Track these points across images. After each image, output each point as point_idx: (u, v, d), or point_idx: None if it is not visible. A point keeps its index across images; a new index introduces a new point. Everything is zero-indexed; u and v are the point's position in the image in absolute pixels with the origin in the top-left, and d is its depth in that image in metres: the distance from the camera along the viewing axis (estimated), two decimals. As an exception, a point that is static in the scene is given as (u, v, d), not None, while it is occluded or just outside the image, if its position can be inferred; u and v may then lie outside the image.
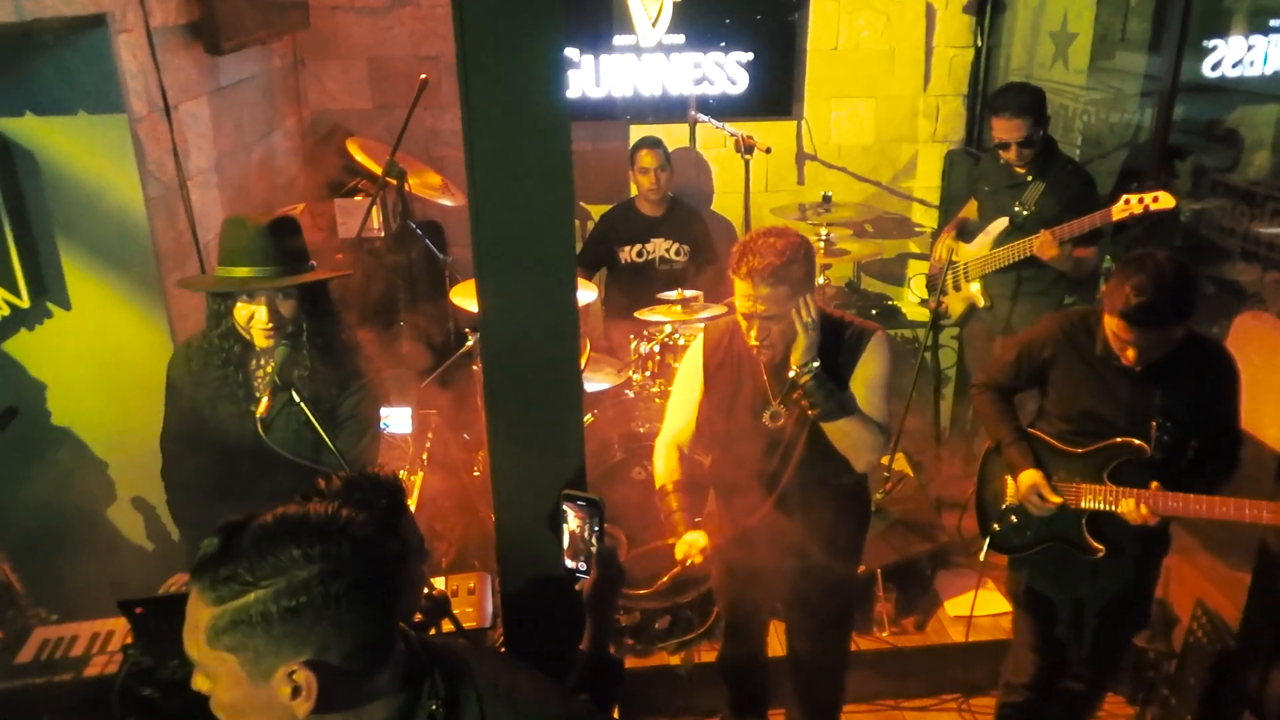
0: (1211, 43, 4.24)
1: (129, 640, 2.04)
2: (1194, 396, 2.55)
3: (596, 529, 1.76)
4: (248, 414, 2.36)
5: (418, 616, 2.08)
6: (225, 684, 1.17)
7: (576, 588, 1.78)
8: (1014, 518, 2.81)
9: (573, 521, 1.79)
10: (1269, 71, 4.29)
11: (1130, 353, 2.49)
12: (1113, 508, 2.58)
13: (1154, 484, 2.54)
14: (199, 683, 1.21)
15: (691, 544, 2.55)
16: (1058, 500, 2.66)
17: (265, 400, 2.27)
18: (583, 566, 1.78)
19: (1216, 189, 4.11)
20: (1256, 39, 4.31)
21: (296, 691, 1.16)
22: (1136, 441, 2.57)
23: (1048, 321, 2.78)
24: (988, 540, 2.90)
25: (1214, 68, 4.25)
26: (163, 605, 1.90)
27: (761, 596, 2.84)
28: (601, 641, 1.74)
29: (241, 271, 2.32)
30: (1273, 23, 4.35)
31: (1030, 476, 2.70)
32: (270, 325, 2.34)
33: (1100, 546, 2.65)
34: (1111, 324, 2.49)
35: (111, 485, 3.17)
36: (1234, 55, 4.30)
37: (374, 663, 1.23)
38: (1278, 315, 3.69)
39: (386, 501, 1.38)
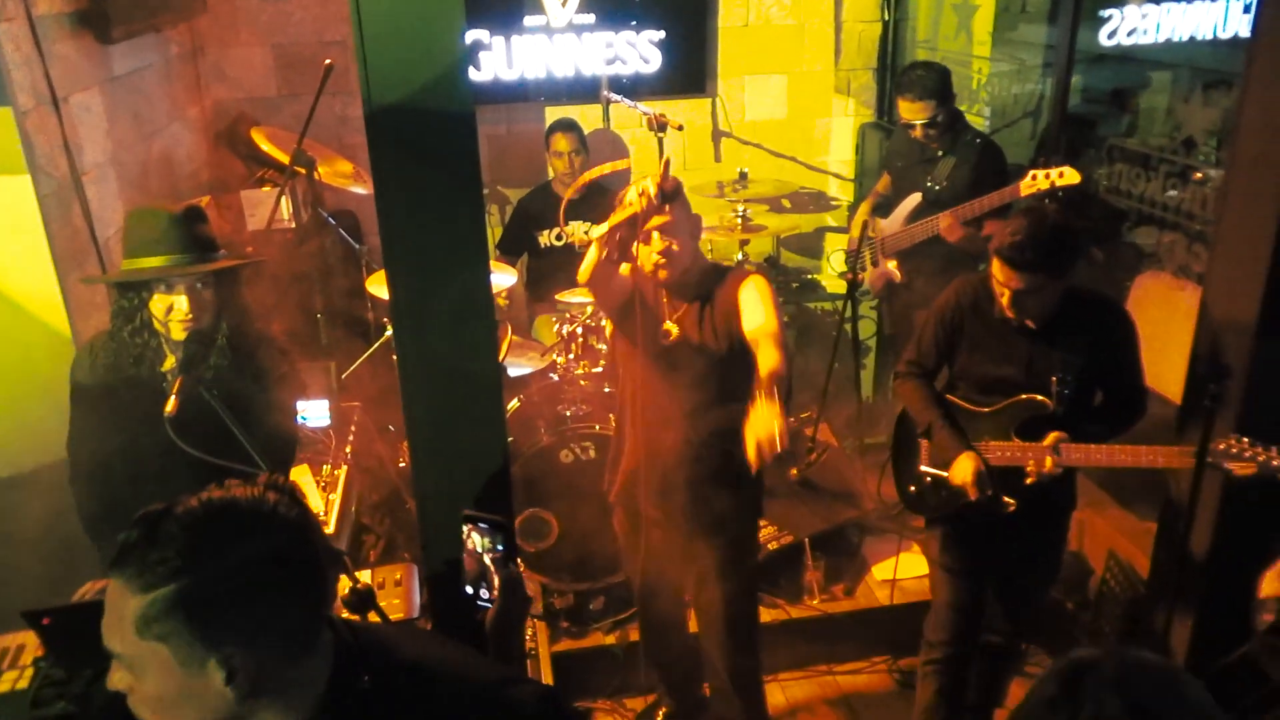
0: (1107, 12, 4.37)
1: (41, 653, 1.98)
2: (1091, 351, 2.65)
3: (501, 553, 1.66)
4: (158, 414, 2.28)
5: (343, 611, 2.05)
6: (154, 676, 1.14)
7: (478, 617, 1.69)
8: (928, 479, 2.89)
9: (475, 544, 1.68)
10: (1162, 39, 4.44)
11: (1006, 298, 2.59)
12: (1021, 463, 2.67)
13: (1053, 434, 2.63)
14: (118, 680, 1.18)
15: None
16: (990, 492, 2.71)
17: (173, 399, 2.20)
18: (485, 594, 1.68)
19: (1113, 153, 4.25)
20: (1149, 8, 4.45)
21: (231, 676, 1.14)
22: (1039, 397, 2.67)
23: (949, 289, 2.86)
24: (903, 500, 2.99)
25: (1110, 36, 4.38)
26: (72, 614, 1.84)
27: (667, 554, 2.87)
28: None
29: (154, 261, 2.25)
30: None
31: (966, 464, 2.71)
32: (191, 315, 2.28)
33: (1011, 501, 2.74)
34: (994, 268, 2.60)
35: (17, 495, 3.04)
36: (1129, 24, 4.44)
37: (305, 646, 1.22)
38: (1174, 274, 3.84)
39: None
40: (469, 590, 1.69)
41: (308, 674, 1.23)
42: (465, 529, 1.68)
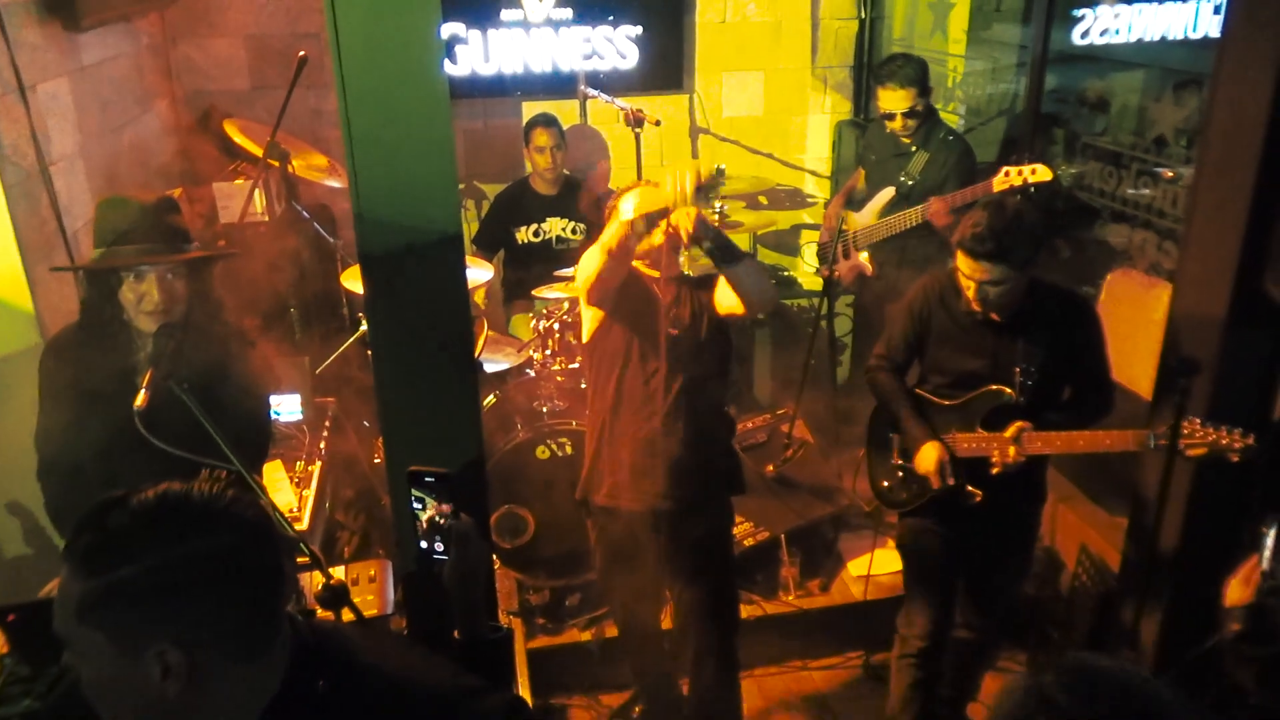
0: (1080, 11, 4.40)
1: (5, 650, 1.94)
2: (1054, 343, 2.69)
3: (449, 505, 1.66)
4: (128, 407, 2.25)
5: (316, 608, 2.03)
6: (93, 662, 1.14)
7: (435, 571, 1.68)
8: (900, 474, 2.92)
9: (424, 500, 1.69)
10: (1134, 39, 4.48)
11: (972, 291, 2.62)
12: (986, 453, 2.71)
13: (1015, 425, 2.67)
14: (68, 659, 1.18)
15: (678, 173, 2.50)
16: (952, 481, 2.76)
17: (143, 392, 2.17)
18: (439, 547, 1.68)
19: (1086, 152, 4.29)
20: (1121, 8, 4.50)
21: (166, 671, 1.12)
22: (1006, 389, 2.70)
23: (917, 284, 2.90)
24: (875, 494, 3.01)
25: (1083, 35, 4.42)
26: (37, 610, 1.81)
27: (650, 548, 2.87)
28: (473, 624, 1.67)
29: (126, 251, 2.23)
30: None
31: (930, 453, 2.77)
32: (161, 306, 2.25)
33: (978, 491, 2.77)
34: (958, 261, 2.63)
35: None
36: (1102, 24, 4.48)
37: (251, 649, 1.20)
38: (1145, 272, 3.88)
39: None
40: (423, 545, 1.69)
41: (257, 675, 1.21)
42: (411, 486, 1.69)
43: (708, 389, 2.78)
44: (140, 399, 2.14)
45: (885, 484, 2.98)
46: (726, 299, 2.70)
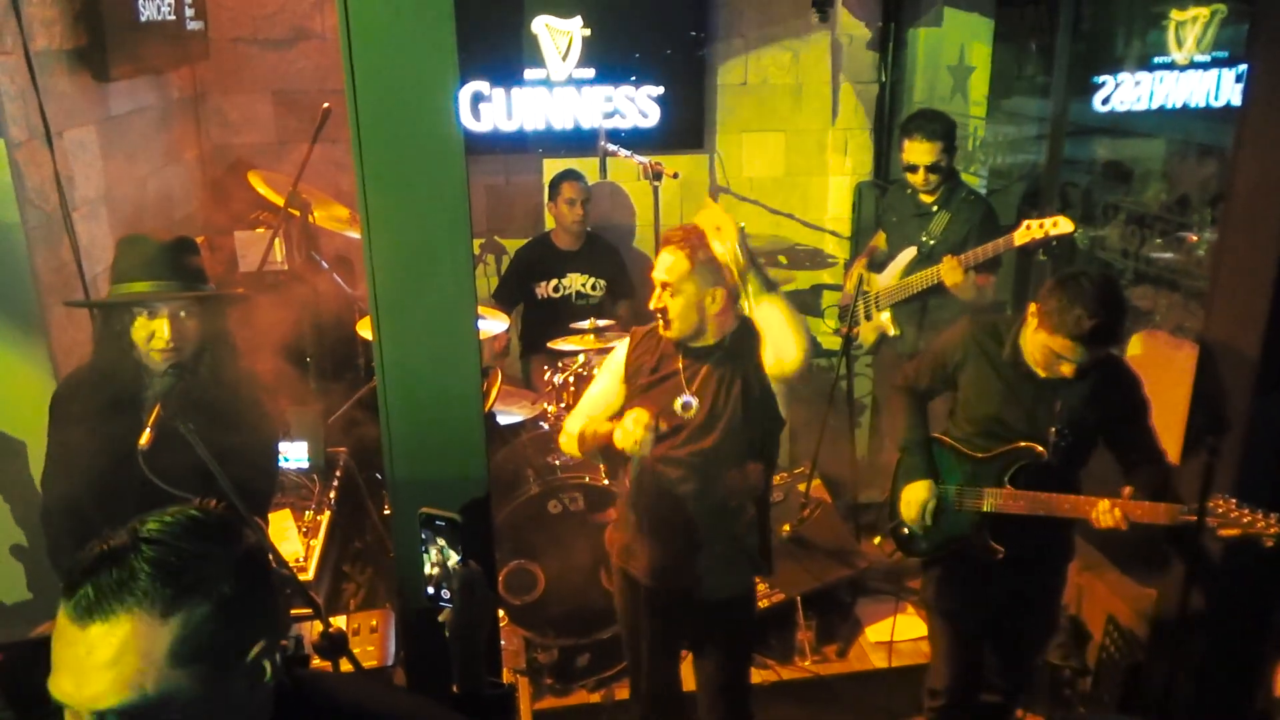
0: (1101, 78, 4.42)
1: (-5, 695, 1.89)
2: (1094, 404, 2.63)
3: (458, 551, 1.63)
4: (134, 447, 2.23)
5: (314, 657, 1.98)
6: (185, 702, 1.07)
7: (440, 618, 1.64)
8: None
9: (433, 544, 1.66)
10: (1154, 106, 4.49)
11: (1067, 368, 2.54)
12: (1011, 509, 2.66)
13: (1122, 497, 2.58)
14: None
15: (635, 420, 2.43)
16: (925, 525, 2.77)
17: (148, 432, 2.14)
18: (445, 594, 1.65)
19: (1109, 213, 4.27)
20: (1142, 76, 4.52)
21: (257, 679, 1.13)
22: (1037, 447, 2.65)
23: (960, 327, 2.86)
24: (894, 539, 2.96)
25: (1104, 102, 4.43)
26: (25, 650, 1.76)
27: (668, 617, 2.78)
28: (473, 677, 1.62)
29: (140, 287, 2.23)
30: (1156, 60, 4.56)
31: (918, 491, 2.77)
32: (171, 344, 2.24)
33: (999, 548, 2.71)
34: (1056, 343, 2.50)
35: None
36: (1122, 93, 4.49)
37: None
38: (1171, 333, 3.83)
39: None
40: (430, 591, 1.67)
41: (264, 697, 1.19)
42: (422, 529, 1.66)
43: (731, 464, 2.60)
44: (145, 437, 2.12)
45: (905, 531, 2.91)
46: (775, 352, 2.49)
